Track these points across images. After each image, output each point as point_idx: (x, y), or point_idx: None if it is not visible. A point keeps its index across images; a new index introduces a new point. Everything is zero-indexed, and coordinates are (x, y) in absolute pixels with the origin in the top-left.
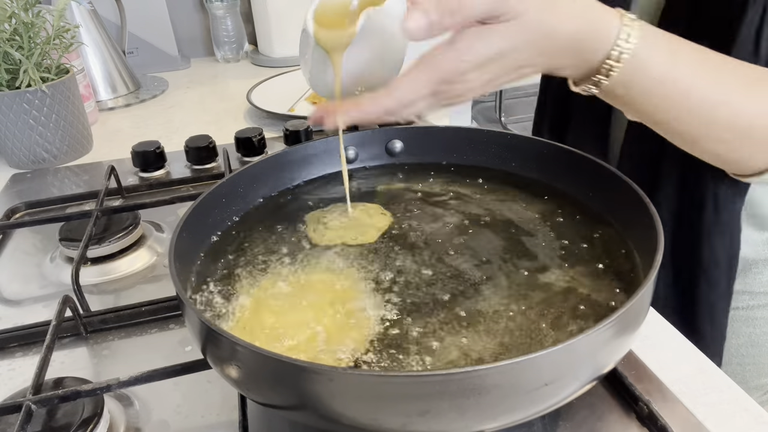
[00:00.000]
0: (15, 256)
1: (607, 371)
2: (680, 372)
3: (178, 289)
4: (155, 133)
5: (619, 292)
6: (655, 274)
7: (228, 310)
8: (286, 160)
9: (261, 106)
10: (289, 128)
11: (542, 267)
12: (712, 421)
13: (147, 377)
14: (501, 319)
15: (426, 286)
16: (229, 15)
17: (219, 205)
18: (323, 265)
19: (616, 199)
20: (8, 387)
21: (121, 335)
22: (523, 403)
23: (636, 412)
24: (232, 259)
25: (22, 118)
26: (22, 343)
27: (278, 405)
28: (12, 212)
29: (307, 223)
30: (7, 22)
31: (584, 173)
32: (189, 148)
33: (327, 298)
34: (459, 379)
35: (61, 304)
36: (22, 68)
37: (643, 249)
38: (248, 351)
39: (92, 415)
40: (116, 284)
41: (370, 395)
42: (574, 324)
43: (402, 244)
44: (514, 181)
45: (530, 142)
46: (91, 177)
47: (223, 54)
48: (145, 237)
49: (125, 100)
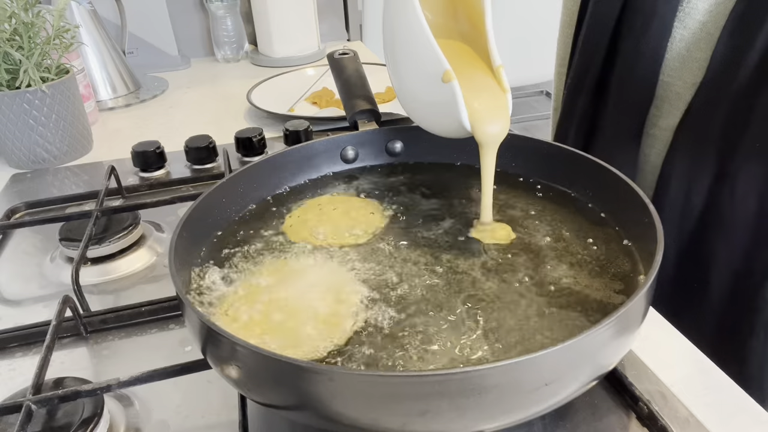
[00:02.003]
0: (15, 256)
1: (607, 371)
2: (680, 372)
3: (178, 289)
4: (155, 133)
5: (619, 292)
6: (655, 274)
7: (221, 300)
8: (286, 160)
9: (261, 106)
10: (289, 128)
11: (542, 267)
12: (712, 421)
13: (147, 377)
14: (499, 318)
15: (419, 280)
16: (229, 15)
17: (219, 205)
18: (320, 263)
19: (616, 199)
20: (8, 387)
21: (121, 335)
22: (523, 403)
23: (636, 412)
24: (232, 258)
25: (22, 118)
26: (22, 343)
27: (278, 405)
28: (12, 212)
29: (289, 217)
30: (7, 22)
31: (584, 173)
32: (189, 148)
33: (316, 291)
34: (459, 379)
35: (61, 304)
36: (22, 68)
37: (643, 249)
38: (248, 351)
39: (92, 415)
40: (116, 284)
41: (370, 395)
42: (573, 324)
43: (399, 242)
44: (514, 181)
45: (530, 142)
46: (91, 177)
47: (223, 54)
48: (145, 237)
49: (125, 100)
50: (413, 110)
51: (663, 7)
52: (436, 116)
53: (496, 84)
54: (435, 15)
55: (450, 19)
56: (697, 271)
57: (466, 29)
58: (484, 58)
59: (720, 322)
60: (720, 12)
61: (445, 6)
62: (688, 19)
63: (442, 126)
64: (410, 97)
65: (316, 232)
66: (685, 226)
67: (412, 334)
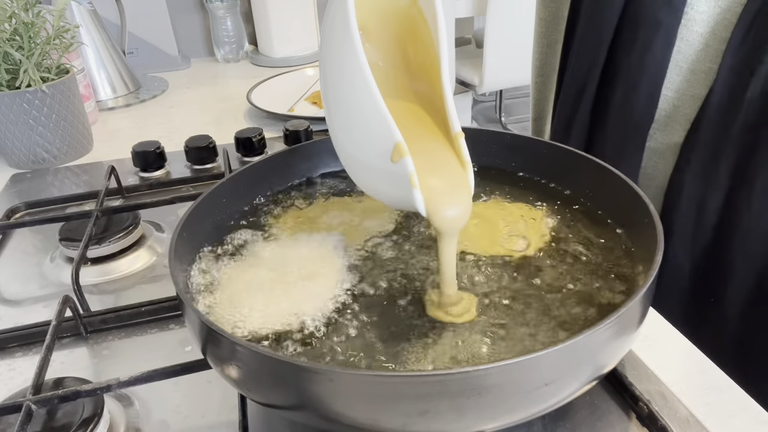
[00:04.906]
0: (15, 256)
1: (607, 371)
2: (680, 372)
3: (178, 289)
4: (155, 133)
5: (619, 293)
6: (654, 274)
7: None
8: (286, 160)
9: (261, 106)
10: (289, 128)
11: (541, 267)
12: (712, 421)
13: (147, 377)
14: (499, 318)
15: (415, 275)
16: (229, 15)
17: (219, 205)
18: (318, 254)
19: (616, 199)
20: (8, 387)
21: (121, 335)
22: (523, 403)
23: (636, 412)
24: (233, 258)
25: (22, 118)
26: (22, 343)
27: (278, 405)
28: (12, 212)
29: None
30: (7, 22)
31: (584, 173)
32: (189, 148)
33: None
34: (459, 379)
35: (61, 304)
36: (22, 68)
37: (643, 249)
38: (248, 351)
39: (92, 415)
40: (116, 284)
41: (369, 395)
42: (573, 324)
43: (397, 241)
44: (514, 181)
45: (530, 142)
46: (91, 177)
47: (223, 54)
48: (145, 237)
49: (125, 100)
50: (357, 178)
51: (668, 16)
52: (384, 189)
53: (455, 157)
54: (384, 62)
55: (401, 72)
56: (713, 284)
57: (419, 86)
58: (439, 121)
59: (738, 337)
60: (723, 21)
61: (395, 54)
62: (686, 31)
63: (392, 201)
64: (353, 163)
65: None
66: (699, 240)
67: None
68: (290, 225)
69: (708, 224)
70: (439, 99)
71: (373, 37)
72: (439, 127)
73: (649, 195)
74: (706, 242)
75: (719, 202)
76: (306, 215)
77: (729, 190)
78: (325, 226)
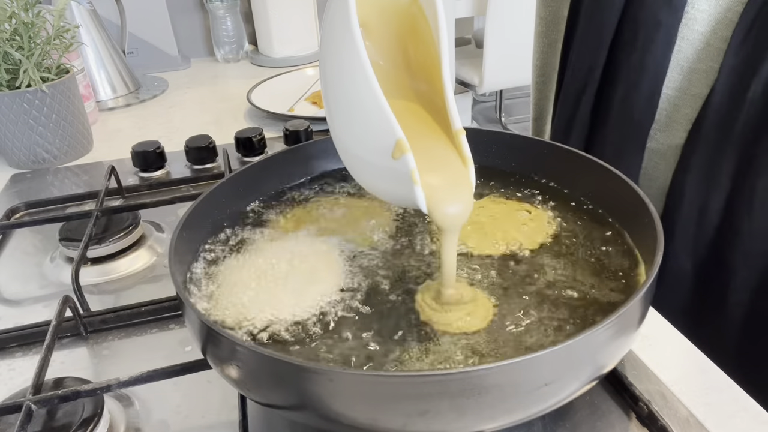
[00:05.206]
0: (15, 256)
1: (607, 371)
2: (680, 372)
3: (178, 289)
4: (155, 133)
5: (620, 293)
6: (655, 274)
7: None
8: (286, 160)
9: (261, 106)
10: (289, 128)
11: (541, 267)
12: (712, 421)
13: (147, 377)
14: (498, 318)
15: (415, 275)
16: (229, 15)
17: (219, 205)
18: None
19: (616, 199)
20: (8, 387)
21: (121, 335)
22: (523, 403)
23: (636, 412)
24: (232, 258)
25: (22, 118)
26: (22, 343)
27: (278, 405)
28: (12, 212)
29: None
30: (7, 22)
31: (584, 173)
32: (189, 148)
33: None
34: (459, 379)
35: (61, 304)
36: (22, 68)
37: (644, 249)
38: (248, 351)
39: (92, 415)
40: (116, 284)
41: (370, 395)
42: (573, 324)
43: (395, 239)
44: (514, 181)
45: (530, 142)
46: (91, 177)
47: (223, 54)
48: (145, 237)
49: (125, 100)
50: (358, 175)
51: (668, 17)
52: (385, 186)
53: (456, 154)
54: (385, 60)
55: (402, 71)
56: (714, 284)
57: (420, 86)
58: (440, 120)
59: (739, 338)
60: (724, 20)
61: (396, 53)
62: (687, 30)
63: (393, 198)
64: (354, 161)
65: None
66: (700, 240)
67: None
68: (290, 225)
69: (710, 225)
70: (440, 98)
71: (374, 34)
72: (440, 126)
73: (650, 196)
74: (708, 243)
75: (721, 203)
76: (306, 215)
77: (731, 190)
78: (325, 225)
